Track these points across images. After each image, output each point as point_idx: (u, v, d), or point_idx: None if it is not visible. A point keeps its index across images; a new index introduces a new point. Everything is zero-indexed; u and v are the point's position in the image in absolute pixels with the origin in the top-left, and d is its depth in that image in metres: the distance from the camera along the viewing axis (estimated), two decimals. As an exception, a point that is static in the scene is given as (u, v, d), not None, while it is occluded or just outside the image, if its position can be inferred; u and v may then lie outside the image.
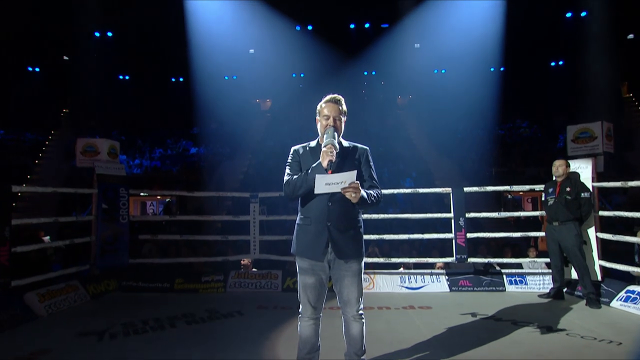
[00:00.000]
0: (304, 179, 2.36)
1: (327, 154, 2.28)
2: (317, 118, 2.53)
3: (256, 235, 5.87)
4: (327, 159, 2.27)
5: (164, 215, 12.06)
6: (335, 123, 2.45)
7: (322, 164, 2.29)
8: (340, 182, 2.21)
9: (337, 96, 2.52)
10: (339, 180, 2.21)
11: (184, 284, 5.44)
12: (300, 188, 2.38)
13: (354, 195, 2.23)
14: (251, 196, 5.92)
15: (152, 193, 10.75)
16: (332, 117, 2.46)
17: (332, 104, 2.49)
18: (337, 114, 2.47)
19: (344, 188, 2.22)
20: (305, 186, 2.36)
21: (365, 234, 2.68)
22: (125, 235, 5.44)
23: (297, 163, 2.52)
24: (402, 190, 5.81)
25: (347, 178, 2.22)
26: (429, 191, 5.82)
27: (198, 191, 9.32)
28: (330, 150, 2.29)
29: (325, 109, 2.48)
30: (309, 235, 2.44)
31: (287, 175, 2.49)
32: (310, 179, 2.30)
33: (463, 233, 5.38)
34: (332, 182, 2.22)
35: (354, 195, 2.23)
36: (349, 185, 2.22)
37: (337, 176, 2.21)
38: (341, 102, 2.52)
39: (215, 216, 8.05)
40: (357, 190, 2.23)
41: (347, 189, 2.22)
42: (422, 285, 5.41)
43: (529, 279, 5.35)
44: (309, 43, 18.85)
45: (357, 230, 2.48)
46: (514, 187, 5.82)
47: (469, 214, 5.50)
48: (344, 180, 2.21)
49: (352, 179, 2.22)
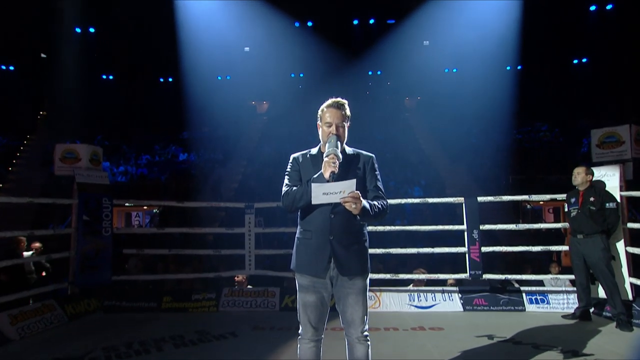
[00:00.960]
0: (304, 190, 2.38)
1: (329, 165, 2.30)
2: (319, 123, 2.56)
3: (252, 249, 5.86)
4: (329, 170, 2.29)
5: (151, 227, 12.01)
6: (338, 131, 2.48)
7: (324, 175, 2.31)
8: (339, 192, 2.22)
9: (340, 100, 2.54)
10: (337, 189, 2.22)
11: (173, 303, 5.41)
12: (300, 200, 2.39)
13: (354, 206, 2.24)
14: (246, 207, 5.93)
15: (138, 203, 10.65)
16: (335, 124, 2.48)
17: (335, 109, 2.51)
18: (340, 120, 2.49)
19: (343, 198, 2.23)
20: (305, 198, 2.36)
21: (370, 248, 2.69)
22: (108, 249, 5.42)
23: (297, 172, 2.54)
24: (410, 200, 5.81)
25: (346, 187, 2.22)
26: (440, 201, 5.83)
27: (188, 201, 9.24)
28: (332, 161, 2.31)
29: (327, 115, 2.50)
30: (309, 250, 2.46)
31: (285, 185, 2.51)
32: (309, 190, 2.31)
33: (477, 247, 5.37)
34: (330, 192, 2.22)
35: (354, 207, 2.24)
36: (349, 195, 2.22)
37: (336, 185, 2.23)
38: (344, 106, 2.54)
39: (207, 228, 7.98)
40: (358, 200, 2.24)
41: (346, 199, 2.23)
42: (433, 303, 5.38)
43: (551, 298, 5.31)
44: (308, 40, 18.98)
45: (361, 245, 2.49)
46: (533, 196, 5.79)
47: (483, 225, 5.48)
48: (342, 190, 2.22)
49: (351, 189, 2.23)
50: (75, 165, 5.59)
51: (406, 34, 18.73)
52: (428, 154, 17.30)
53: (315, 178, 2.36)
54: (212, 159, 17.09)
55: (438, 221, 10.04)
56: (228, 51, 18.91)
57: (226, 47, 18.57)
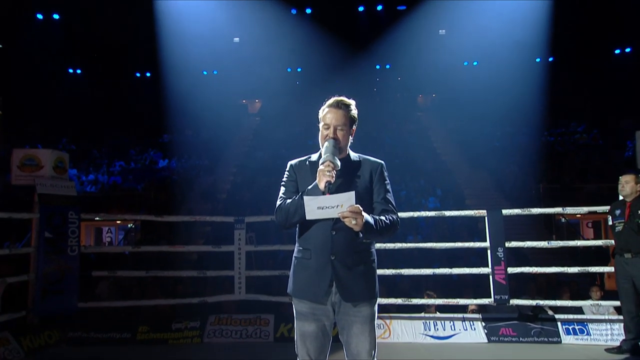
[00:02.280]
0: (298, 203, 2.38)
1: (323, 174, 2.31)
2: (319, 125, 2.58)
3: (242, 270, 5.83)
4: (324, 180, 2.30)
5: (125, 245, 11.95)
6: (335, 134, 2.48)
7: (319, 185, 2.32)
8: (336, 206, 2.22)
9: (344, 100, 2.55)
10: (334, 203, 2.22)
11: (150, 334, 5.37)
12: (294, 215, 2.40)
13: (354, 222, 2.24)
14: (236, 221, 5.92)
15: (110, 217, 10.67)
16: (333, 126, 2.49)
17: (335, 109, 2.52)
18: (342, 122, 2.50)
19: (341, 213, 2.23)
20: (299, 213, 2.36)
21: (379, 269, 2.70)
22: (75, 271, 5.36)
23: (294, 183, 2.56)
24: (424, 212, 5.87)
25: (344, 200, 2.22)
26: (459, 214, 5.78)
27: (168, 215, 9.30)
28: (327, 169, 2.31)
29: (327, 116, 2.52)
30: (308, 272, 2.46)
31: (280, 198, 2.53)
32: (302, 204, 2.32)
33: (503, 267, 5.34)
34: (325, 206, 2.23)
35: (354, 222, 2.24)
36: (347, 209, 2.23)
37: (332, 198, 2.23)
38: (349, 107, 2.55)
39: (191, 246, 7.99)
40: (359, 215, 2.24)
41: (345, 214, 2.23)
42: (452, 333, 5.34)
43: (592, 328, 5.25)
44: (307, 30, 19.09)
45: (368, 265, 2.49)
46: (569, 208, 5.75)
47: (510, 242, 5.45)
48: (340, 204, 2.22)
49: (350, 202, 2.23)
50: (37, 174, 5.55)
51: (419, 22, 18.85)
52: (445, 159, 17.32)
53: (310, 189, 2.36)
54: (197, 166, 17.09)
55: (457, 237, 10.13)
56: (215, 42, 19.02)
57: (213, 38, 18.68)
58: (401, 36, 19.26)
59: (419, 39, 19.15)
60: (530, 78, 17.68)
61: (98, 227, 15.66)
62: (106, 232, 15.67)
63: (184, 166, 17.13)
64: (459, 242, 5.88)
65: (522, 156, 16.05)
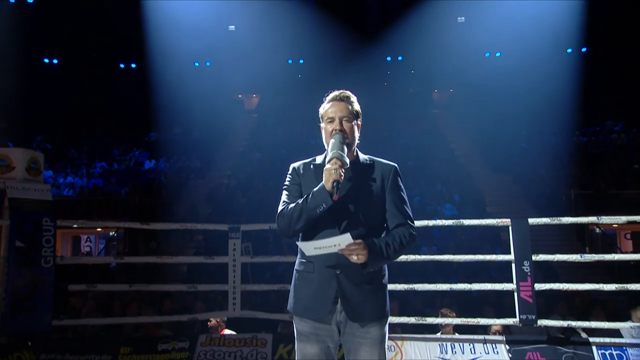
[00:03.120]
0: (302, 208, 2.42)
1: (330, 173, 2.34)
2: (321, 125, 2.64)
3: (237, 284, 5.79)
4: (331, 179, 2.33)
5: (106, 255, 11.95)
6: (342, 126, 2.53)
7: (326, 186, 2.35)
8: (334, 246, 2.32)
9: (345, 92, 2.62)
10: (330, 243, 2.33)
11: (133, 355, 5.33)
12: (298, 221, 2.43)
13: (355, 258, 2.33)
14: (230, 229, 5.90)
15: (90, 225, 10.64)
16: (338, 118, 2.54)
17: (337, 101, 2.58)
18: (346, 113, 2.56)
19: (341, 250, 2.32)
20: (305, 217, 2.40)
21: (390, 284, 2.69)
22: (49, 285, 5.32)
23: (297, 187, 2.60)
24: (440, 221, 5.76)
25: (340, 241, 2.31)
26: (479, 223, 5.74)
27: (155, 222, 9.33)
28: (335, 167, 2.34)
29: (330, 110, 2.58)
30: (311, 287, 2.49)
31: (282, 203, 2.57)
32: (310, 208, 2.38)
33: (529, 283, 5.29)
34: (322, 246, 2.34)
35: (355, 258, 2.33)
36: (347, 247, 2.31)
37: (328, 241, 2.33)
38: (350, 99, 2.61)
39: (180, 257, 8.02)
40: (361, 250, 2.32)
41: (345, 251, 2.32)
42: (472, 357, 5.31)
43: (631, 353, 5.19)
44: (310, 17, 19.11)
45: (378, 281, 2.52)
46: (604, 217, 5.68)
47: (537, 255, 5.40)
48: (337, 244, 2.32)
49: (347, 241, 2.31)
50: (7, 176, 5.52)
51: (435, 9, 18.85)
52: (463, 162, 17.32)
53: (316, 191, 2.39)
54: (187, 168, 17.12)
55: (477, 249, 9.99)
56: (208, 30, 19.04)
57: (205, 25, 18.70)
58: (415, 24, 19.24)
59: (435, 27, 19.14)
60: (560, 71, 17.59)
61: (76, 236, 15.68)
62: (85, 241, 15.68)
63: (172, 168, 17.15)
64: (480, 254, 5.81)
65: (551, 159, 16.02)
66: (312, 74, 20.18)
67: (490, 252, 5.98)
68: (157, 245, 12.25)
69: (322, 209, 2.38)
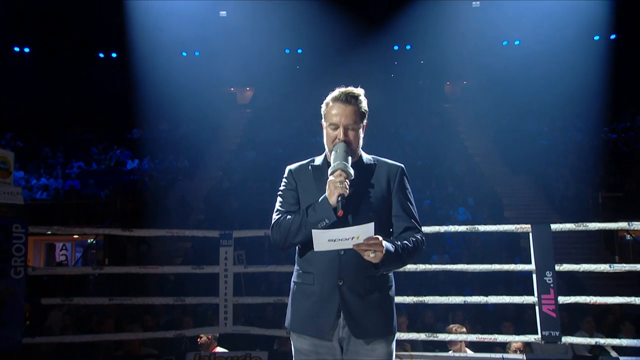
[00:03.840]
0: (301, 222, 2.45)
1: (335, 186, 2.36)
2: (323, 123, 2.64)
3: (229, 296, 5.79)
4: (335, 193, 2.35)
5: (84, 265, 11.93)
6: (347, 135, 2.54)
7: (329, 199, 2.38)
8: (352, 238, 2.32)
9: (353, 91, 2.60)
10: (348, 235, 2.32)
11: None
12: (297, 235, 2.47)
13: (372, 255, 2.32)
14: (221, 236, 5.92)
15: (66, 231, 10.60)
16: (343, 126, 2.54)
17: (343, 104, 2.57)
18: (352, 120, 2.55)
19: (357, 245, 2.32)
20: (304, 232, 2.44)
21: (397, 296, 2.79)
22: (20, 298, 5.30)
23: (293, 192, 2.63)
24: (452, 227, 5.76)
25: (360, 232, 2.31)
26: (496, 229, 5.71)
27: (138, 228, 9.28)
28: (339, 180, 2.36)
29: (334, 113, 2.57)
30: (310, 300, 2.51)
31: (277, 211, 2.60)
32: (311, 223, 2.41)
33: (552, 296, 5.29)
34: (338, 238, 2.32)
35: (372, 256, 2.32)
36: (365, 241, 2.31)
37: (347, 231, 2.32)
38: (358, 99, 2.59)
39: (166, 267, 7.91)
40: (379, 246, 2.32)
41: (361, 246, 2.31)
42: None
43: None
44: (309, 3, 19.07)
45: (384, 293, 2.55)
46: (635, 223, 5.65)
47: (561, 265, 5.38)
48: (356, 236, 2.32)
49: (368, 234, 2.31)
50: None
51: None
52: (478, 161, 17.34)
53: (318, 205, 2.42)
54: (174, 168, 17.14)
55: (494, 258, 10.13)
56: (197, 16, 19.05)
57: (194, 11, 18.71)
58: (425, 9, 19.20)
59: (447, 12, 19.15)
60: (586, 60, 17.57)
61: (50, 243, 15.71)
62: (60, 249, 15.68)
63: (158, 168, 17.16)
64: (497, 263, 5.80)
65: (576, 157, 16.03)
66: (312, 64, 20.28)
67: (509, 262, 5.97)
68: (148, 248, 12.23)
69: (325, 225, 2.39)
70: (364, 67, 19.73)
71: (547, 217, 12.73)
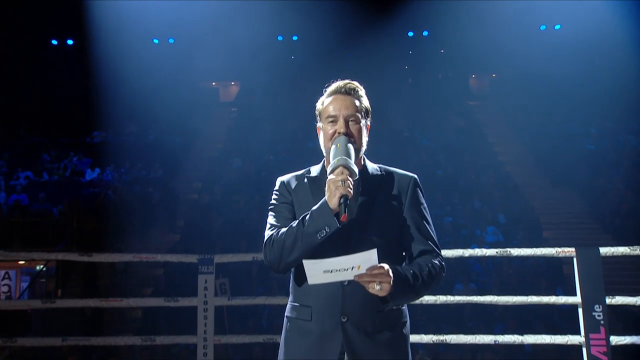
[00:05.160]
0: (296, 232, 2.44)
1: (336, 186, 2.35)
2: (318, 126, 2.72)
3: (209, 334, 5.81)
4: (337, 194, 2.34)
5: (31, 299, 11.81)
6: (348, 128, 2.58)
7: (329, 203, 2.37)
8: (352, 268, 2.31)
9: (351, 83, 2.68)
10: (348, 264, 2.30)
11: None
12: (293, 250, 2.45)
13: (378, 287, 2.32)
14: (201, 261, 5.94)
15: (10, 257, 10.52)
16: (343, 117, 2.59)
17: (342, 95, 2.64)
18: (354, 110, 2.61)
19: (359, 276, 2.32)
20: (302, 246, 2.42)
21: (413, 333, 2.85)
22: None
23: (288, 206, 2.65)
24: (479, 250, 5.83)
25: (361, 261, 2.30)
26: (533, 252, 5.74)
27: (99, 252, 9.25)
28: (342, 177, 2.36)
29: (331, 107, 2.63)
30: (308, 340, 2.52)
31: (269, 228, 2.62)
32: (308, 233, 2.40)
33: (603, 335, 5.29)
34: (335, 269, 2.31)
35: (378, 288, 2.32)
36: (369, 271, 2.30)
37: (343, 260, 2.30)
38: (358, 92, 2.66)
39: (132, 299, 7.91)
40: (385, 276, 2.31)
41: (364, 277, 2.31)
42: None
43: None
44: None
45: (397, 331, 2.55)
46: None
47: (612, 297, 5.39)
48: (356, 265, 2.30)
49: (371, 262, 2.29)
50: None
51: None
52: (510, 170, 17.30)
53: (317, 210, 2.42)
54: (144, 179, 17.10)
55: (530, 288, 10.07)
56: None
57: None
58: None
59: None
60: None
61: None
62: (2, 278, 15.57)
63: (124, 179, 17.12)
64: (534, 295, 5.82)
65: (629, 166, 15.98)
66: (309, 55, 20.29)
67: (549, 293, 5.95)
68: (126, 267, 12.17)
69: (325, 234, 2.37)
70: (372, 59, 19.80)
71: (595, 239, 12.66)
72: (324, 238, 2.37)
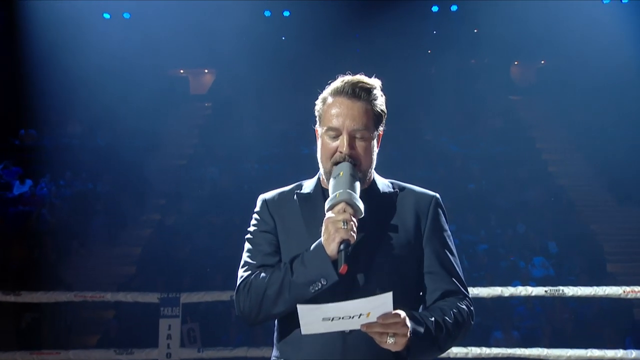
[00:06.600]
0: (282, 282, 2.42)
1: (336, 228, 2.33)
2: (317, 129, 2.69)
3: None
4: (336, 238, 2.32)
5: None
6: (354, 147, 2.55)
7: (326, 248, 2.36)
8: (359, 315, 2.27)
9: (363, 81, 2.60)
10: (353, 311, 2.27)
11: None
12: (276, 303, 2.45)
13: (391, 340, 2.28)
14: (162, 300, 6.00)
15: None
16: (348, 132, 2.54)
17: (349, 99, 2.57)
18: (361, 123, 2.56)
19: (368, 326, 2.28)
20: (287, 299, 2.42)
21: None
22: None
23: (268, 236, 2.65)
24: (524, 288, 5.93)
25: (372, 307, 2.26)
26: (593, 292, 5.79)
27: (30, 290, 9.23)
28: (343, 218, 2.34)
29: (334, 112, 2.58)
30: None
31: (244, 266, 2.61)
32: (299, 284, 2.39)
33: None
34: (337, 316, 2.27)
35: (392, 341, 2.28)
36: (381, 320, 2.25)
37: (349, 305, 2.27)
38: (372, 94, 2.60)
39: (73, 351, 7.87)
40: (401, 326, 2.28)
41: (374, 327, 2.27)
42: None
43: None
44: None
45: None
46: None
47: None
48: (366, 312, 2.27)
49: (384, 308, 2.25)
50: None
51: None
52: (563, 183, 17.49)
53: (309, 255, 2.41)
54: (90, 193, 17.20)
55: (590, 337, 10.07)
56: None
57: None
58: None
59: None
60: None
61: None
62: None
63: (64, 194, 17.18)
64: (595, 348, 5.84)
65: None
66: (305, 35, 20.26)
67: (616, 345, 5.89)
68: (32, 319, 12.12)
69: (320, 287, 2.35)
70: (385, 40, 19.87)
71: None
72: (318, 292, 2.34)
